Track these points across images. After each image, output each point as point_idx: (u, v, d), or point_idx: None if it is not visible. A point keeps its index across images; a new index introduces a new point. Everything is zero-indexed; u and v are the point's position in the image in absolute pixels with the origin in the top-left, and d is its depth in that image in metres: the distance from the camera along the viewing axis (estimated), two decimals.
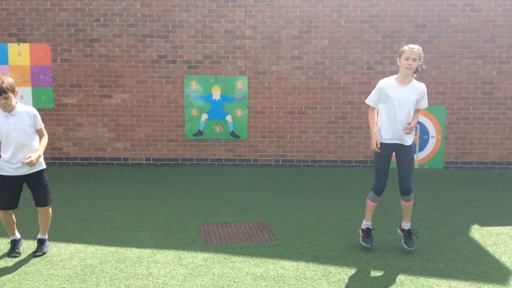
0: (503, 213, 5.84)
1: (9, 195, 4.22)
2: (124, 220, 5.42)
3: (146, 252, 4.47)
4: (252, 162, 8.42)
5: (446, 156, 8.41)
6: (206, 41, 8.13)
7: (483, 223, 5.42)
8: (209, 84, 8.19)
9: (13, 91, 4.08)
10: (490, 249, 4.62)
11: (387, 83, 4.48)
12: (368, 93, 8.25)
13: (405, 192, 4.49)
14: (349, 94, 8.25)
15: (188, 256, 4.37)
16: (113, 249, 4.53)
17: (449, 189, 7.01)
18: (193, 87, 8.20)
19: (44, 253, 4.39)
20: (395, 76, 4.51)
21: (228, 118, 8.28)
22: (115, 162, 8.38)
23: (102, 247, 4.56)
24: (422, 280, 3.94)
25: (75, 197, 6.34)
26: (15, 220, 4.41)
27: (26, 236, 4.82)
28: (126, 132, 8.33)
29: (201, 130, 8.30)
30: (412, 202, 4.56)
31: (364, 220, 4.69)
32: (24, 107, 4.23)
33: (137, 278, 3.92)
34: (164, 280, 3.89)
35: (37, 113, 4.28)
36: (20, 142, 4.15)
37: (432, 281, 3.92)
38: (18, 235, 4.45)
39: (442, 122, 8.29)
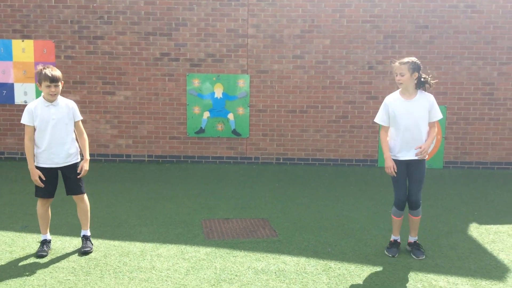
0: (502, 212, 5.91)
1: (48, 185, 4.27)
2: (127, 215, 5.49)
3: (149, 246, 4.53)
4: (253, 160, 8.49)
5: (446, 156, 8.47)
6: (209, 39, 8.20)
7: (481, 222, 5.49)
8: (211, 82, 8.26)
9: (61, 80, 4.28)
10: (488, 247, 4.69)
11: (391, 99, 4.33)
12: (369, 93, 8.39)
13: (412, 206, 4.41)
14: (350, 94, 8.31)
15: (191, 251, 4.44)
16: (116, 243, 4.60)
17: (448, 188, 7.07)
18: (196, 85, 8.27)
19: (91, 249, 4.35)
20: (399, 90, 4.36)
21: (230, 116, 8.34)
22: (117, 158, 8.45)
23: (106, 241, 4.62)
24: (421, 275, 4.00)
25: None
26: (50, 216, 4.43)
27: (31, 230, 4.89)
28: (128, 129, 8.39)
29: (203, 128, 8.37)
30: (419, 217, 4.46)
31: (392, 235, 4.54)
32: (64, 100, 4.36)
33: (141, 271, 3.98)
34: (167, 273, 3.96)
35: (75, 105, 4.41)
36: (56, 134, 4.21)
37: (431, 276, 3.99)
38: (49, 236, 4.43)
39: (443, 122, 8.36)
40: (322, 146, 8.46)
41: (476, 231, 5.16)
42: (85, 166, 4.34)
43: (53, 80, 4.17)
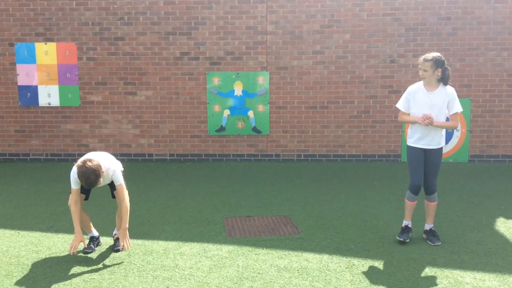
0: None
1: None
2: (150, 214, 5.54)
3: (172, 244, 4.56)
4: (274, 157, 8.47)
5: (471, 150, 8.31)
6: (228, 37, 8.20)
7: (508, 216, 5.36)
8: (231, 80, 8.26)
9: (100, 178, 3.99)
10: None
11: (415, 89, 4.54)
12: (391, 87, 8.29)
13: (427, 191, 4.61)
14: (371, 88, 8.21)
15: (213, 249, 4.45)
16: (140, 241, 4.64)
17: (474, 182, 6.93)
18: (216, 83, 8.29)
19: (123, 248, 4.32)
20: (423, 81, 4.53)
21: (250, 113, 8.33)
22: (140, 158, 8.54)
23: (130, 240, 4.66)
24: (447, 272, 3.93)
25: (102, 192, 6.45)
26: (88, 218, 4.46)
27: (56, 230, 4.98)
28: (150, 129, 8.47)
29: (224, 126, 8.39)
30: (435, 203, 4.65)
31: (404, 220, 4.69)
32: (107, 166, 4.15)
33: (164, 270, 4.01)
34: (190, 271, 3.98)
35: (116, 170, 4.21)
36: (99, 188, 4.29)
37: (457, 273, 3.91)
38: (95, 232, 4.48)
39: (467, 115, 8.19)
40: (344, 142, 8.38)
41: (503, 226, 5.04)
42: (122, 238, 4.14)
43: (90, 186, 4.00)
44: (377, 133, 8.33)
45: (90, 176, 3.92)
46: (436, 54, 4.40)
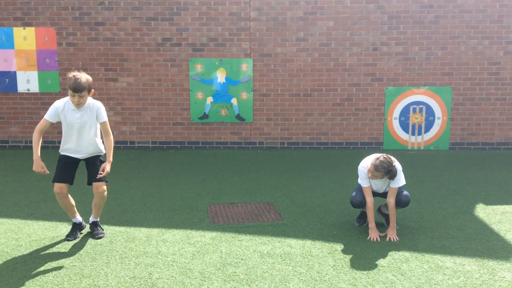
0: (508, 192, 5.86)
1: (65, 169, 4.23)
2: (132, 201, 5.49)
3: (154, 231, 4.53)
4: (257, 145, 8.46)
5: (452, 137, 8.41)
6: (211, 23, 8.11)
7: (488, 202, 5.45)
8: (214, 67, 8.19)
9: (89, 90, 4.05)
10: (495, 227, 4.66)
11: (365, 176, 4.48)
12: (373, 75, 8.31)
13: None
14: (354, 76, 8.23)
15: (196, 235, 4.44)
16: (122, 229, 4.60)
17: (454, 169, 7.03)
18: (198, 70, 8.21)
19: (103, 234, 4.37)
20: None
21: (234, 101, 8.29)
22: (121, 145, 8.44)
23: (111, 227, 4.62)
24: (427, 257, 3.98)
25: (83, 179, 6.39)
26: (73, 203, 4.35)
27: (36, 217, 4.90)
28: (132, 116, 8.37)
29: (207, 113, 8.33)
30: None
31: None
32: (91, 101, 4.17)
33: (146, 256, 3.99)
34: (173, 258, 3.96)
35: (101, 106, 4.20)
36: (82, 136, 4.19)
37: (437, 257, 3.97)
38: (79, 219, 4.41)
39: (448, 103, 8.28)
40: (327, 130, 8.41)
41: (483, 212, 5.12)
42: (107, 167, 4.18)
43: (76, 90, 3.96)
44: (360, 120, 8.37)
45: (83, 77, 3.97)
46: (386, 165, 4.22)
